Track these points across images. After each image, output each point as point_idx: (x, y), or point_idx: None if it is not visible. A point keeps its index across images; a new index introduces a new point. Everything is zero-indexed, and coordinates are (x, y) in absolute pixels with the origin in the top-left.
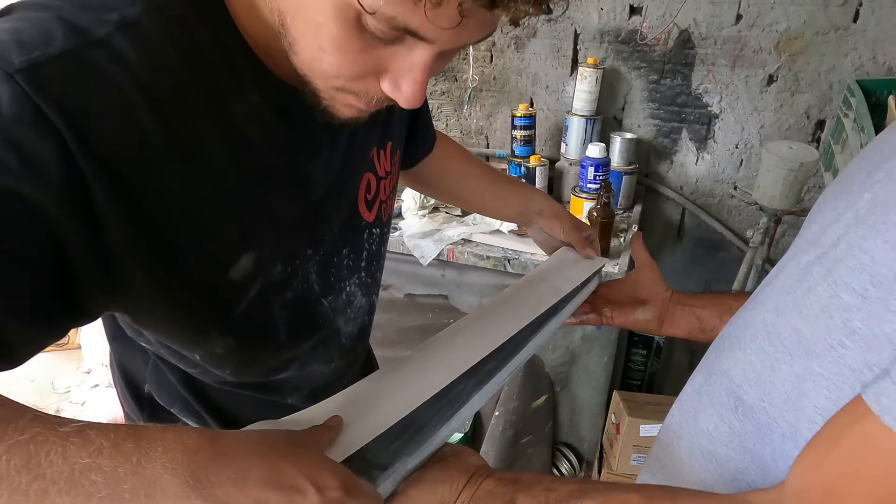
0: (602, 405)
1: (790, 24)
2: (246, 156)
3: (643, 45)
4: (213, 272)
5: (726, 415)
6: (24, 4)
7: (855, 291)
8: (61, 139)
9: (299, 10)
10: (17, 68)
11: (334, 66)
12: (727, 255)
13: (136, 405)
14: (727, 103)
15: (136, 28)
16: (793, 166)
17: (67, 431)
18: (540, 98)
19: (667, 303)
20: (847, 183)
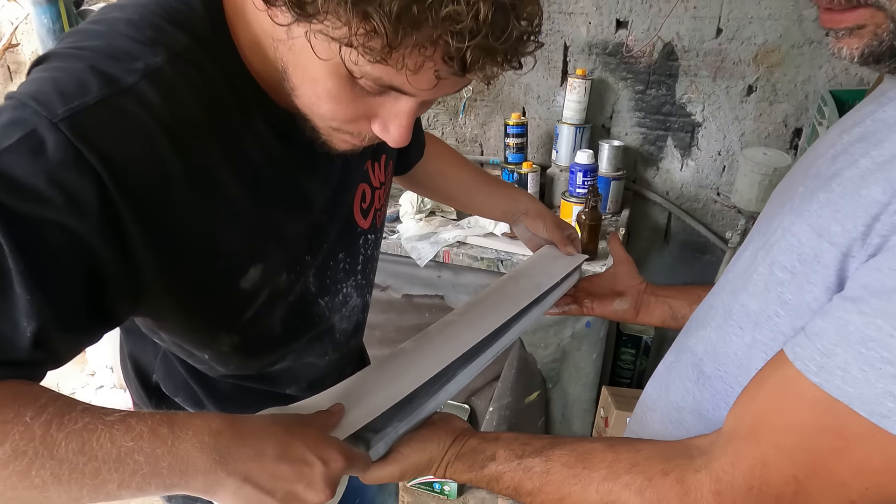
0: (592, 400)
1: (767, 37)
2: (254, 179)
3: (629, 57)
4: (225, 284)
5: (690, 386)
6: (58, 54)
7: (786, 268)
8: (99, 178)
9: (298, 64)
10: (61, 117)
11: (330, 112)
12: (712, 257)
13: (144, 394)
14: (709, 112)
15: (159, 75)
16: (767, 171)
17: (112, 420)
18: (531, 107)
19: (642, 294)
20: (790, 180)
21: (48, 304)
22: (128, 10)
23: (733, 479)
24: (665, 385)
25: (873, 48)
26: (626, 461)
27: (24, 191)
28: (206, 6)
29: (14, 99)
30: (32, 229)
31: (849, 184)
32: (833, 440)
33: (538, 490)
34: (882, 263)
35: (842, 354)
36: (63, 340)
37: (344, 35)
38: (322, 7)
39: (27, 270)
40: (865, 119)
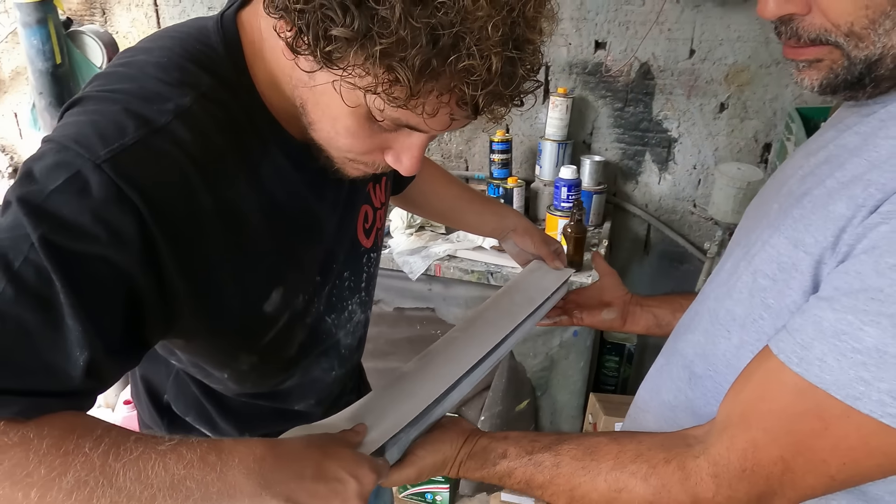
0: (580, 407)
1: (737, 58)
2: (273, 207)
3: (608, 76)
4: (249, 308)
5: (682, 386)
6: (92, 97)
7: (767, 276)
8: (139, 213)
9: (319, 104)
10: (103, 159)
11: (347, 146)
12: (690, 266)
13: (156, 413)
14: (685, 129)
15: (188, 114)
16: (741, 185)
17: (164, 449)
18: (515, 124)
19: (628, 304)
20: (764, 197)
21: (98, 333)
22: (154, 54)
23: (728, 462)
24: (657, 387)
25: (830, 80)
26: (631, 452)
27: (72, 229)
28: (227, 48)
29: (55, 142)
30: (81, 264)
31: (818, 201)
32: (814, 422)
33: (549, 482)
34: (850, 268)
35: (819, 347)
36: (110, 367)
37: (369, 84)
38: (351, 60)
39: (78, 303)
40: (828, 144)
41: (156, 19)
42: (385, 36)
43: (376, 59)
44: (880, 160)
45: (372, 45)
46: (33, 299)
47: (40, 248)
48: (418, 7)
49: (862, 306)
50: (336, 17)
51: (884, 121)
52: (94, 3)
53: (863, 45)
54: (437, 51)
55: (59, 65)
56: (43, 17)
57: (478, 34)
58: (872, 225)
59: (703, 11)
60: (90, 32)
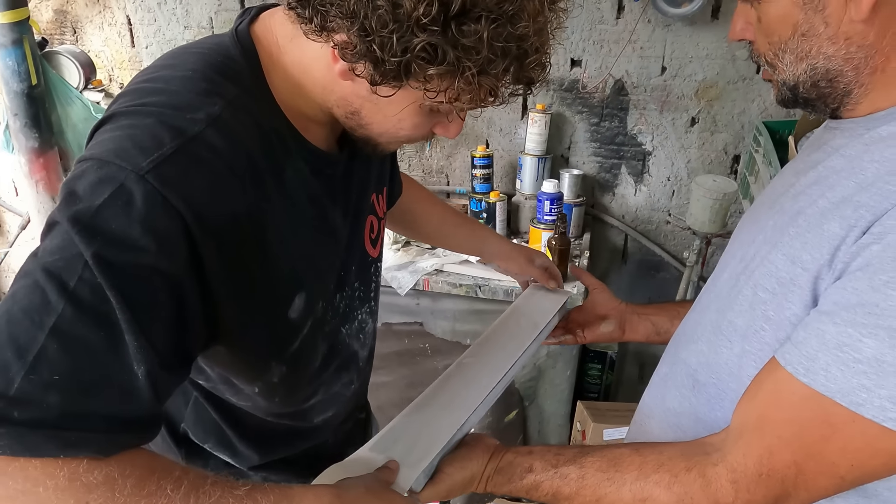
0: (567, 415)
1: (706, 74)
2: (296, 211)
3: (584, 92)
4: (276, 313)
5: (686, 394)
6: (122, 112)
7: (767, 290)
8: (183, 220)
9: (381, 109)
10: (146, 170)
11: (408, 136)
12: (667, 274)
13: (173, 443)
14: (658, 142)
15: (220, 121)
16: (717, 196)
17: (241, 494)
18: (495, 140)
19: (624, 314)
20: (756, 213)
21: (153, 347)
22: (178, 68)
23: (746, 468)
24: (661, 394)
25: (779, 97)
26: (653, 462)
27: (123, 242)
28: (246, 59)
29: (94, 159)
30: (133, 278)
31: (812, 220)
32: (823, 428)
33: (575, 494)
34: (847, 284)
35: (823, 358)
36: (166, 382)
37: (452, 96)
38: (439, 82)
39: (133, 318)
40: (818, 165)
41: (129, 38)
42: (475, 61)
43: (469, 79)
44: (867, 182)
45: (463, 72)
46: (94, 318)
47: (94, 265)
48: (500, 30)
49: (860, 320)
50: (430, 58)
51: (868, 145)
52: (64, 23)
53: (777, 71)
54: (514, 56)
55: (35, 85)
56: (18, 38)
57: (540, 34)
58: (865, 245)
59: (673, 31)
60: (66, 53)
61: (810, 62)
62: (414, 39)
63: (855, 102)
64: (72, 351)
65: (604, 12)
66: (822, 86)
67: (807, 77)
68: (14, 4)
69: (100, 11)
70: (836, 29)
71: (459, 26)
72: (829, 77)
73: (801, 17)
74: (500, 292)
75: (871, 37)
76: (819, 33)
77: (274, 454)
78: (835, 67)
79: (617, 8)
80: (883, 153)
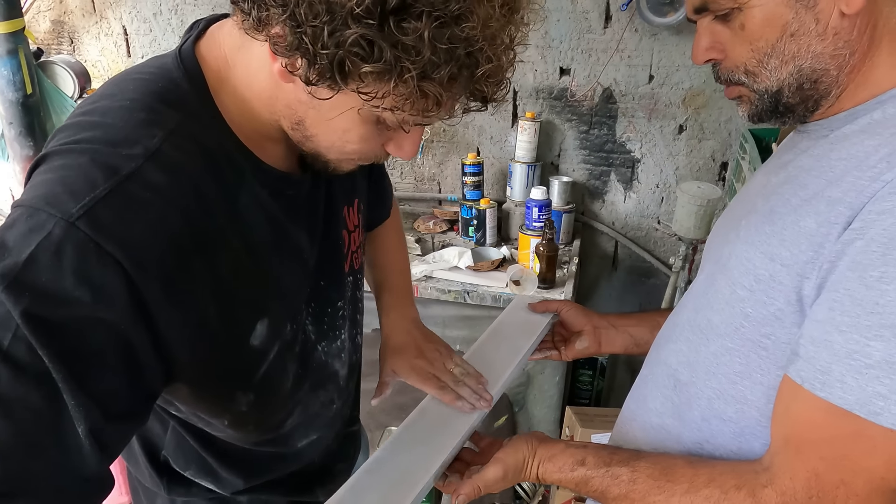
0: (556, 421)
1: (693, 82)
2: (253, 237)
3: (573, 100)
4: (237, 343)
5: (669, 394)
6: (57, 152)
7: (745, 287)
8: (120, 266)
9: (324, 119)
10: (76, 216)
11: (357, 150)
12: (657, 280)
13: (154, 472)
14: (647, 149)
15: (159, 155)
16: (702, 202)
17: None
18: (485, 147)
19: (599, 328)
20: (730, 214)
21: (97, 403)
22: (117, 98)
23: (795, 492)
24: (643, 396)
25: (753, 111)
26: (705, 476)
27: (55, 296)
28: (190, 82)
29: (24, 206)
30: (68, 333)
31: (787, 217)
32: (862, 443)
33: (624, 496)
34: (839, 286)
35: (837, 369)
36: (113, 433)
37: (395, 103)
38: (377, 87)
39: (69, 376)
40: (787, 165)
41: (125, 48)
42: (415, 62)
43: (409, 83)
44: (836, 178)
45: (402, 73)
46: (33, 377)
47: (23, 324)
48: (443, 30)
49: (864, 322)
50: (365, 54)
51: (833, 143)
52: (62, 33)
53: (759, 80)
54: (462, 63)
55: (30, 95)
56: (13, 48)
57: (492, 41)
58: (848, 241)
59: (660, 40)
60: (61, 62)
61: (797, 63)
62: (346, 31)
63: (828, 105)
64: (12, 415)
65: (591, 21)
66: (805, 88)
67: (793, 80)
68: (9, 15)
69: (96, 22)
70: (825, 25)
71: (398, 22)
72: (813, 78)
73: (791, 16)
74: (489, 298)
75: (854, 33)
76: (809, 31)
77: (259, 478)
78: (820, 66)
79: (604, 17)
80: (849, 150)
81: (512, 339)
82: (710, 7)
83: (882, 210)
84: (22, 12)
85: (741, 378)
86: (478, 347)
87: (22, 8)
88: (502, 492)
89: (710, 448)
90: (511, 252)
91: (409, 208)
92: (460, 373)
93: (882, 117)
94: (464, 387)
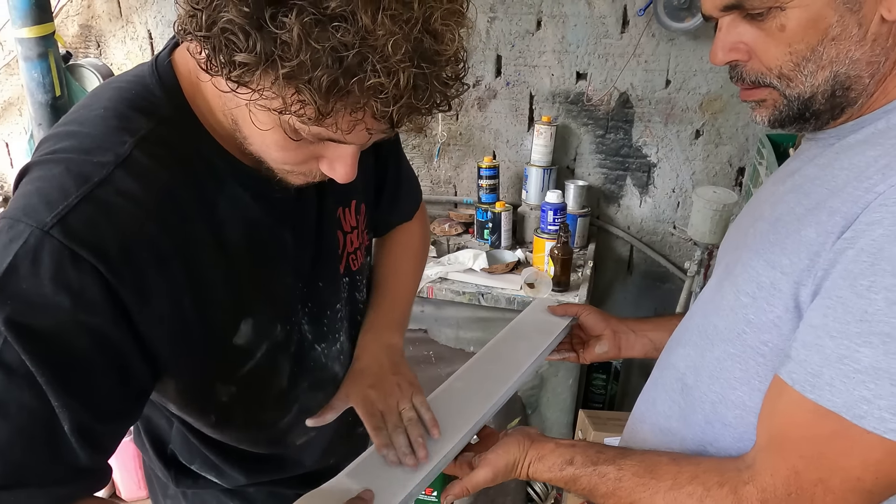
0: (570, 424)
1: (710, 87)
2: (234, 240)
3: (589, 105)
4: (217, 341)
5: (675, 397)
6: (37, 163)
7: (748, 294)
8: (96, 270)
9: (247, 119)
10: (50, 225)
11: (280, 158)
12: (672, 285)
13: (161, 464)
14: (663, 154)
15: (129, 161)
16: (717, 207)
17: None
18: (501, 151)
19: (618, 333)
20: (740, 221)
21: (83, 404)
22: (93, 107)
23: (775, 488)
24: (653, 398)
25: (775, 116)
26: (688, 473)
27: (35, 303)
28: (164, 89)
29: (6, 219)
30: (50, 337)
31: (790, 226)
32: (841, 443)
33: (611, 494)
34: (832, 293)
35: (827, 373)
36: (105, 431)
37: (279, 106)
38: (260, 83)
39: (53, 379)
40: (794, 174)
41: (150, 51)
42: (288, 59)
43: (282, 82)
44: (838, 188)
45: (276, 69)
46: (24, 379)
47: (7, 330)
48: (317, 29)
49: (853, 329)
50: (239, 42)
51: (838, 153)
52: (89, 37)
53: (793, 84)
54: (343, 70)
55: (59, 97)
56: (44, 52)
57: (381, 52)
58: (841, 250)
59: (677, 45)
60: (88, 65)
61: (834, 69)
62: (220, 14)
63: (848, 116)
64: (5, 414)
65: (608, 26)
66: (837, 95)
67: (828, 86)
68: (40, 19)
69: (122, 26)
70: (866, 30)
71: (274, 14)
72: (846, 85)
73: (835, 19)
74: (503, 300)
75: (891, 39)
76: (851, 35)
77: (261, 477)
78: (855, 73)
79: (621, 22)
80: (851, 160)
81: (528, 339)
82: (745, 5)
83: (871, 221)
84: (52, 16)
85: (741, 384)
86: (493, 346)
87: (52, 12)
88: (514, 494)
89: (713, 451)
90: (526, 255)
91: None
92: (408, 418)
93: (886, 127)
94: (401, 434)
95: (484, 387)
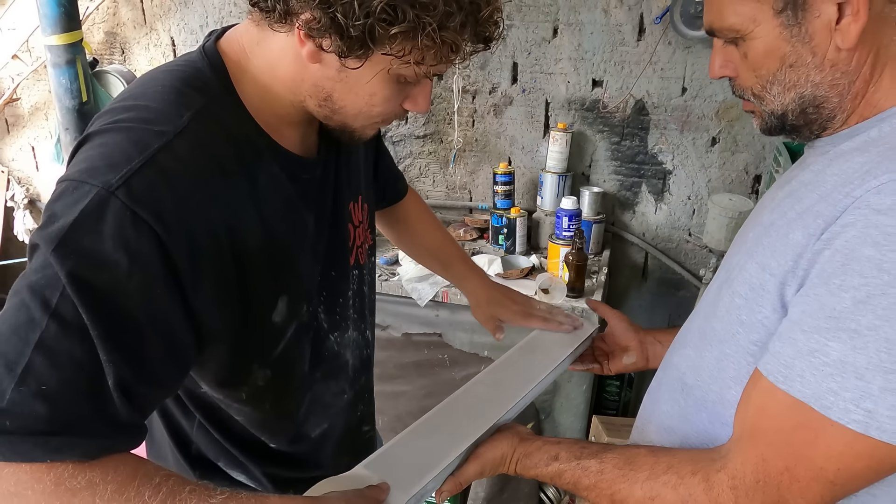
0: (583, 430)
1: (726, 95)
2: (272, 216)
3: (605, 112)
4: (259, 317)
5: (677, 397)
6: (98, 132)
7: (741, 296)
8: (154, 232)
9: (351, 89)
10: (115, 186)
11: (381, 112)
12: (686, 293)
13: (187, 464)
14: (679, 161)
15: (187, 131)
16: (733, 214)
17: (216, 502)
18: (517, 157)
19: (645, 344)
20: (744, 228)
21: (126, 361)
22: (149, 85)
23: (744, 475)
24: (657, 398)
25: (764, 126)
26: (664, 464)
27: (96, 259)
28: (213, 70)
29: (69, 180)
30: (106, 293)
31: (781, 230)
32: (806, 433)
33: (593, 486)
34: (809, 291)
35: (799, 365)
36: (145, 393)
37: (418, 57)
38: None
39: (104, 334)
40: (792, 180)
41: (173, 58)
42: (433, 16)
43: (428, 36)
44: (826, 193)
45: (424, 28)
46: (77, 332)
47: (68, 283)
48: None
49: (823, 325)
50: (391, 18)
51: (832, 160)
52: (114, 44)
53: (765, 103)
54: (467, 10)
55: (85, 102)
56: (72, 59)
57: None
58: (819, 251)
59: (693, 52)
60: (114, 72)
61: (798, 91)
62: (373, 2)
63: (835, 126)
64: (56, 364)
65: (625, 34)
66: (809, 112)
67: (795, 105)
68: (69, 27)
69: (146, 33)
70: (822, 58)
71: None
72: (815, 103)
73: (789, 49)
74: None
75: (853, 63)
76: (807, 62)
77: (282, 471)
78: (821, 94)
79: (638, 30)
80: (842, 167)
81: (547, 349)
82: (717, 34)
83: (846, 223)
84: (80, 24)
85: (735, 383)
86: (509, 356)
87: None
88: (527, 499)
89: None
90: (540, 261)
91: (440, 216)
92: (546, 308)
93: (878, 135)
94: (556, 317)
95: (501, 393)
